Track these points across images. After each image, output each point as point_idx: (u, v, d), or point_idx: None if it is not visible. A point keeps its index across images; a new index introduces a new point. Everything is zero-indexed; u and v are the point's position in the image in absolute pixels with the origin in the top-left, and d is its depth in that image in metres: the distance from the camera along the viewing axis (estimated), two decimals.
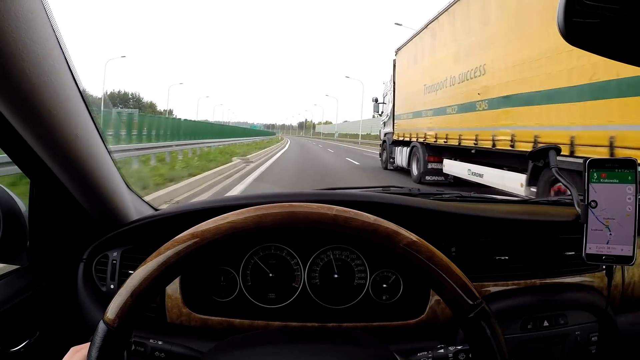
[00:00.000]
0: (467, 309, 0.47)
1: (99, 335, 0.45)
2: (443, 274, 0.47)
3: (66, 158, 0.68)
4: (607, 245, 0.76)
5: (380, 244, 0.47)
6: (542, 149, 0.96)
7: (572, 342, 0.84)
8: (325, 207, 0.48)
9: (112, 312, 0.46)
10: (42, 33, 0.54)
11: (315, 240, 0.90)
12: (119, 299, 0.46)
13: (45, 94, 0.57)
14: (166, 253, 0.46)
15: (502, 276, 0.89)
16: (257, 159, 14.76)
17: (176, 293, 0.84)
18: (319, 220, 0.47)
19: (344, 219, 0.47)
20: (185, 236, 0.47)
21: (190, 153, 14.50)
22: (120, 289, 0.47)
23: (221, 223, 0.47)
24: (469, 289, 0.47)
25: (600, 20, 0.44)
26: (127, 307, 0.46)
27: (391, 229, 0.48)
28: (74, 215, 0.82)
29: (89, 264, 0.89)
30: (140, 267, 0.47)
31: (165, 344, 0.59)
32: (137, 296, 0.46)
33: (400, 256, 0.47)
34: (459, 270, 0.48)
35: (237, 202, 0.90)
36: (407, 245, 0.47)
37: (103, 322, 0.46)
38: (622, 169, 0.75)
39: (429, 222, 0.88)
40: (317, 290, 0.90)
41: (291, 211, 0.47)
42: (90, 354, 0.45)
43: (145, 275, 0.46)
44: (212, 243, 0.47)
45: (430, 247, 0.48)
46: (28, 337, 0.76)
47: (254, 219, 0.47)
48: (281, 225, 0.47)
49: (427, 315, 0.84)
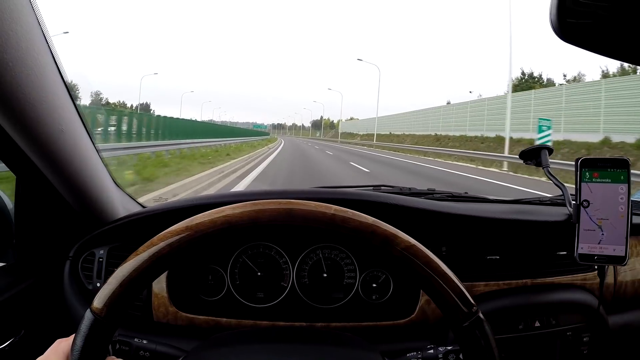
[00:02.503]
0: (462, 317, 0.46)
1: (85, 323, 0.44)
2: (439, 280, 0.46)
3: (51, 153, 0.67)
4: (599, 245, 0.75)
5: (376, 246, 0.46)
6: (534, 149, 0.96)
7: (564, 343, 0.84)
8: (323, 206, 0.47)
9: (100, 301, 0.45)
10: (25, 25, 0.53)
11: (304, 239, 0.89)
12: (107, 288, 0.45)
13: (28, 87, 0.55)
14: (159, 244, 0.46)
15: (493, 276, 0.88)
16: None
17: (163, 291, 0.83)
18: (316, 219, 0.46)
19: (342, 219, 0.46)
20: (179, 228, 0.46)
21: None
22: (109, 278, 0.46)
23: (217, 216, 0.46)
24: (465, 297, 0.46)
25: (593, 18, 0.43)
26: (116, 297, 0.45)
27: (389, 232, 0.47)
28: (61, 212, 0.81)
29: (75, 262, 0.87)
30: (131, 257, 0.46)
31: (150, 343, 0.58)
32: (126, 286, 0.45)
33: (396, 259, 0.46)
34: (456, 277, 0.47)
35: (225, 199, 0.89)
36: (405, 249, 0.46)
37: (90, 310, 0.45)
38: (614, 169, 0.75)
39: (421, 222, 0.88)
40: (306, 290, 0.89)
41: (289, 208, 0.46)
42: (75, 342, 0.44)
43: (136, 265, 0.45)
44: (205, 236, 0.46)
45: (427, 252, 0.47)
46: (13, 335, 0.75)
47: (250, 214, 0.46)
48: (277, 222, 0.46)
49: (417, 315, 0.83)
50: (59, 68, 0.64)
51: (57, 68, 0.63)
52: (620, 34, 0.44)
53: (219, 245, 0.47)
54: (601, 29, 0.44)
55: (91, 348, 0.44)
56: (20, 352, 0.75)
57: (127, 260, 0.46)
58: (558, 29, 0.44)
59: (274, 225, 0.46)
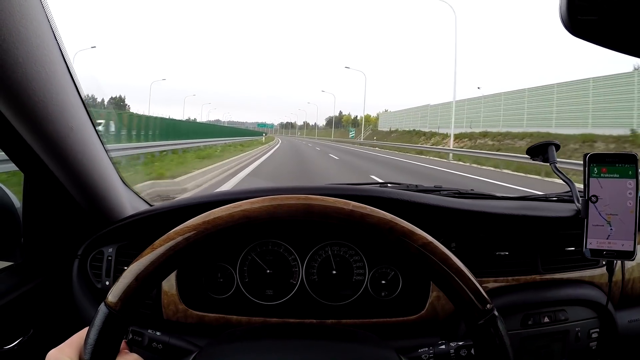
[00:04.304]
0: (478, 315, 0.46)
1: (100, 317, 0.44)
2: (456, 277, 0.46)
3: (60, 151, 0.67)
4: (607, 240, 0.75)
5: (393, 243, 0.46)
6: (541, 145, 0.96)
7: (573, 338, 0.84)
8: (342, 202, 0.47)
9: (115, 295, 0.45)
10: (35, 22, 0.53)
11: (313, 236, 0.89)
12: (123, 282, 0.45)
13: (38, 84, 0.55)
14: (176, 238, 0.45)
15: (502, 272, 0.88)
16: None
17: (172, 289, 0.83)
18: (335, 215, 0.46)
19: (360, 215, 0.46)
20: (196, 222, 0.46)
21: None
22: (125, 272, 0.45)
23: (234, 211, 0.46)
24: (481, 294, 0.46)
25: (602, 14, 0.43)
26: (131, 291, 0.45)
27: (407, 228, 0.46)
28: (69, 211, 0.81)
29: (83, 261, 0.87)
30: (147, 251, 0.46)
31: (163, 335, 0.58)
32: (142, 280, 0.45)
33: (413, 256, 0.46)
34: (472, 275, 0.47)
35: (234, 196, 0.88)
36: (422, 246, 0.46)
37: (104, 304, 0.45)
38: (622, 164, 0.75)
39: (430, 218, 0.88)
40: (315, 287, 0.89)
41: (308, 203, 0.46)
42: (89, 336, 0.44)
43: (153, 259, 0.45)
44: (222, 231, 0.45)
45: (444, 249, 0.47)
46: (22, 334, 0.75)
47: (269, 209, 0.46)
48: (296, 217, 0.46)
49: (427, 311, 0.83)
50: (69, 67, 0.64)
51: (66, 67, 0.63)
52: (629, 28, 0.44)
53: (235, 240, 0.46)
54: (610, 24, 0.44)
55: (105, 342, 0.44)
56: (29, 351, 0.75)
57: (143, 254, 0.46)
58: (568, 24, 0.44)
59: (284, 221, 0.46)
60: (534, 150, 0.97)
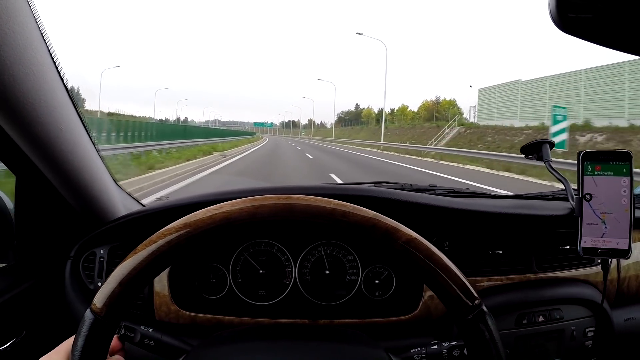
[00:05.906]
0: (466, 311, 0.46)
1: (86, 323, 0.44)
2: (442, 273, 0.46)
3: (51, 152, 0.66)
4: (602, 238, 0.75)
5: (377, 240, 0.46)
6: (535, 143, 0.95)
7: (568, 337, 0.83)
8: (323, 200, 0.46)
9: (100, 301, 0.45)
10: (23, 24, 0.53)
11: (306, 235, 0.89)
12: (107, 287, 0.45)
13: (26, 86, 0.55)
14: (157, 242, 0.45)
15: (496, 271, 0.88)
16: None
17: (164, 290, 0.82)
18: (316, 213, 0.46)
19: (342, 213, 0.46)
20: (177, 225, 0.46)
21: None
22: (108, 277, 0.45)
23: (215, 213, 0.46)
24: (468, 290, 0.46)
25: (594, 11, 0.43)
26: (115, 296, 0.45)
27: (390, 225, 0.46)
28: (61, 212, 0.81)
29: (76, 262, 0.87)
30: (130, 256, 0.46)
31: (155, 332, 0.58)
32: (125, 284, 0.45)
33: (398, 253, 0.46)
34: (458, 270, 0.47)
35: (225, 196, 0.88)
36: (406, 242, 0.46)
37: (90, 310, 0.45)
38: (616, 162, 0.74)
39: (423, 217, 0.87)
40: (309, 287, 0.89)
41: (288, 203, 0.46)
42: (76, 342, 0.44)
43: (135, 264, 0.45)
44: (204, 233, 0.45)
45: (429, 245, 0.47)
46: (14, 336, 0.75)
47: (249, 210, 0.45)
48: (277, 217, 0.46)
49: (420, 311, 0.83)
50: (58, 68, 0.64)
51: (55, 68, 0.63)
52: (620, 25, 0.44)
53: (219, 242, 0.46)
54: (601, 21, 0.44)
55: (92, 348, 0.44)
56: (22, 352, 0.75)
57: (126, 259, 0.46)
58: (558, 21, 0.44)
59: (275, 221, 0.46)
60: (528, 148, 0.96)
